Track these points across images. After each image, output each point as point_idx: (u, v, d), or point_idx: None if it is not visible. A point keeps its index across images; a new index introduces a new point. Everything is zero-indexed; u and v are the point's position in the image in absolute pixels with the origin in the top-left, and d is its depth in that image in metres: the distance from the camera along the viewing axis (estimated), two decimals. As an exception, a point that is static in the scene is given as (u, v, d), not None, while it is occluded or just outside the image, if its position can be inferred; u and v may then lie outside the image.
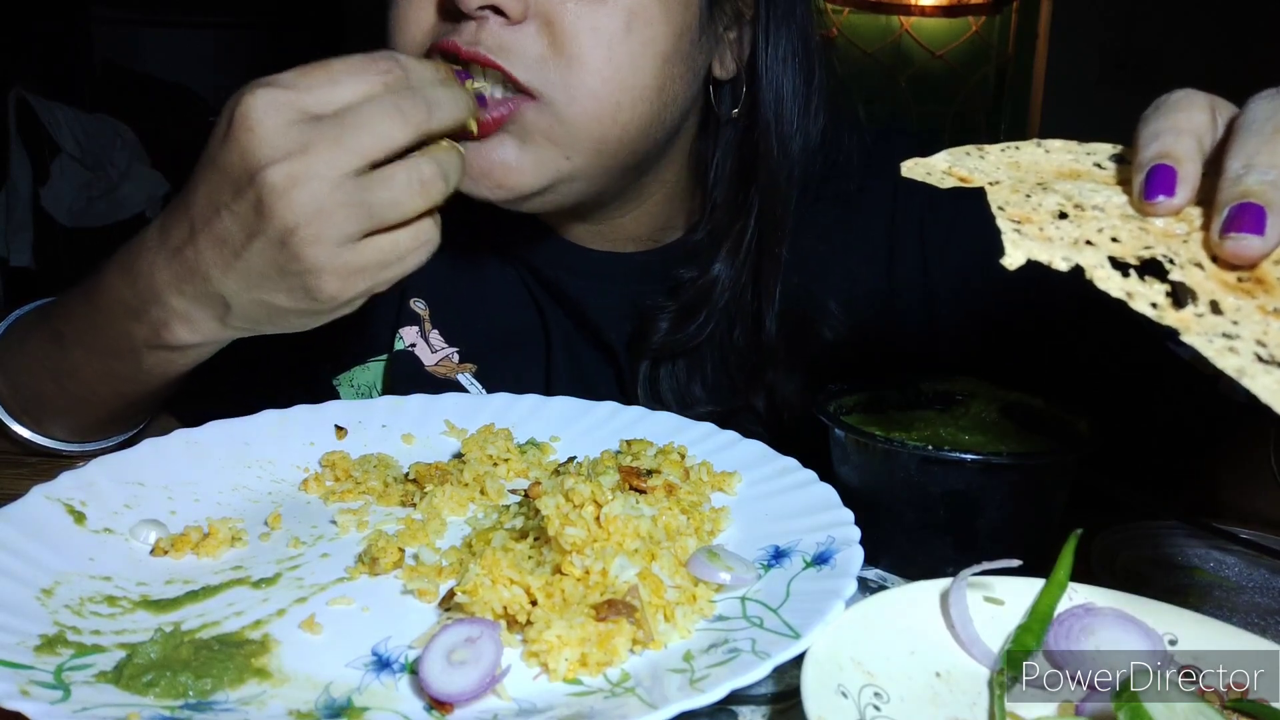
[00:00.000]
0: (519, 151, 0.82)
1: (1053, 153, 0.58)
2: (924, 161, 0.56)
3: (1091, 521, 0.65)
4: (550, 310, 1.01)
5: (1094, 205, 0.53)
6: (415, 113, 0.68)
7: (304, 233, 0.66)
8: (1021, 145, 0.58)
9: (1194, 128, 0.53)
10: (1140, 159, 0.53)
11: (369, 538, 0.66)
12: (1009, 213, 0.52)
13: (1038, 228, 0.51)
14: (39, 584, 0.59)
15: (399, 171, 0.68)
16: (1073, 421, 0.74)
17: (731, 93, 0.94)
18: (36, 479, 0.68)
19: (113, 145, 3.74)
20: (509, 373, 1.00)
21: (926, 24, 3.94)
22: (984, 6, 3.94)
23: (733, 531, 0.70)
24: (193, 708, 0.49)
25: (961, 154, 0.57)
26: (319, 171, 0.65)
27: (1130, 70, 3.75)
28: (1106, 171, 0.56)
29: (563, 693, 0.52)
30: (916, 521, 0.70)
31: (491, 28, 0.79)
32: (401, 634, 0.57)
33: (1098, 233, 0.51)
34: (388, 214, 0.68)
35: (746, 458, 0.78)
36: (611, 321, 1.00)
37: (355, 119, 0.66)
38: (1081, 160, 0.57)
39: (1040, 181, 0.55)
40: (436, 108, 0.69)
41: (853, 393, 0.80)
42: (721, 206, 0.97)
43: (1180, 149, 0.52)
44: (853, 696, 0.50)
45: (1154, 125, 0.53)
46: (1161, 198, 0.51)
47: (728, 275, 0.96)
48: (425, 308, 1.01)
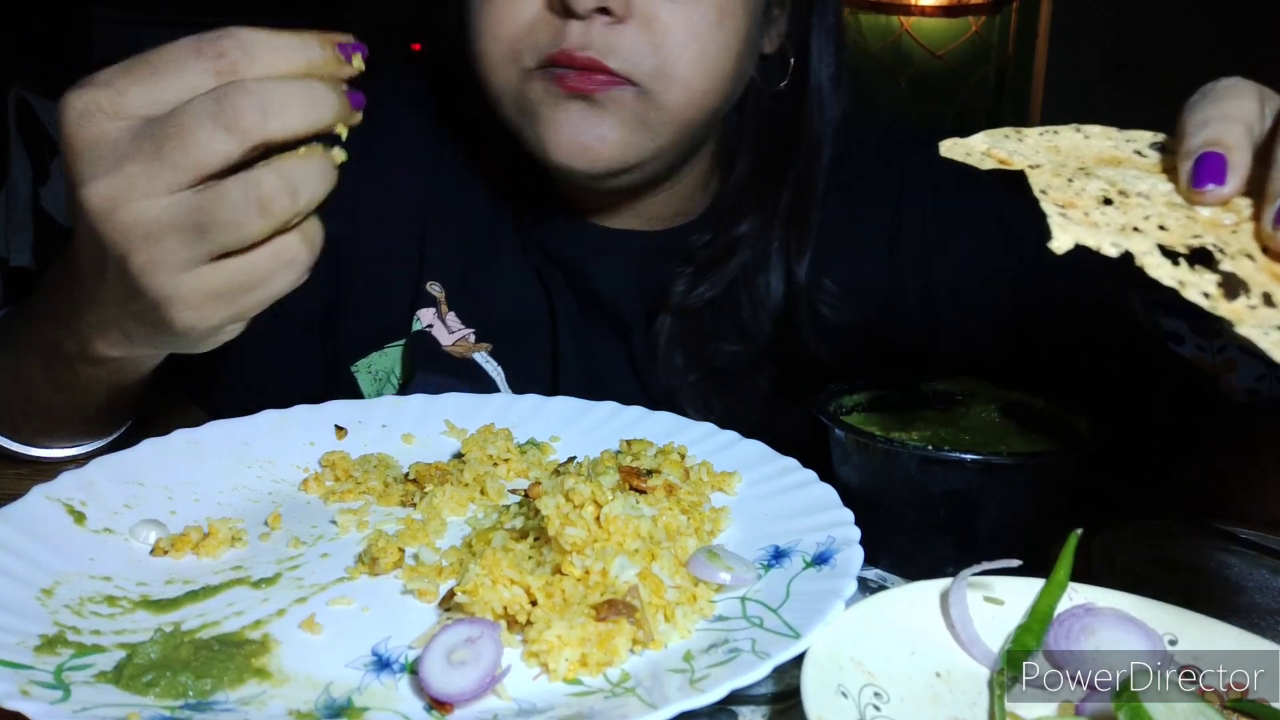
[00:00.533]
0: (614, 129, 0.86)
1: (1092, 138, 0.57)
2: (962, 142, 0.55)
3: (1091, 521, 0.65)
4: (558, 292, 1.02)
5: (1139, 192, 0.51)
6: (243, 117, 0.55)
7: (136, 260, 0.57)
8: (1060, 129, 0.57)
9: (1244, 116, 0.51)
10: (1188, 146, 0.51)
11: (369, 538, 0.66)
12: (1052, 196, 0.50)
13: (1083, 213, 0.50)
14: (39, 584, 0.59)
15: (233, 188, 0.56)
16: (1073, 421, 0.74)
17: (776, 68, 0.98)
18: (36, 479, 0.68)
19: (113, 145, 3.74)
20: (521, 353, 1.02)
21: (926, 24, 3.94)
22: (984, 6, 3.94)
23: (733, 531, 0.70)
24: (193, 708, 0.49)
25: (1000, 136, 0.56)
26: (140, 189, 0.56)
27: (1130, 70, 3.75)
28: (1148, 160, 0.55)
29: (563, 693, 0.52)
30: (916, 521, 0.70)
31: (597, 28, 0.82)
32: (401, 634, 0.57)
33: (1144, 219, 0.49)
34: (227, 236, 0.57)
35: (746, 458, 0.78)
36: (627, 299, 1.02)
37: (177, 124, 0.55)
38: (1122, 147, 0.56)
39: (1082, 166, 0.54)
40: (276, 111, 0.56)
41: (853, 393, 0.80)
42: (749, 176, 1.00)
43: (1230, 137, 0.50)
44: (853, 696, 0.50)
45: (1202, 112, 0.52)
46: (1211, 186, 0.50)
47: (751, 235, 0.99)
48: (442, 290, 1.02)
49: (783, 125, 0.98)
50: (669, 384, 0.99)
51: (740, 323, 1.00)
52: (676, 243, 1.02)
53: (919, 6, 3.91)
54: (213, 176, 0.56)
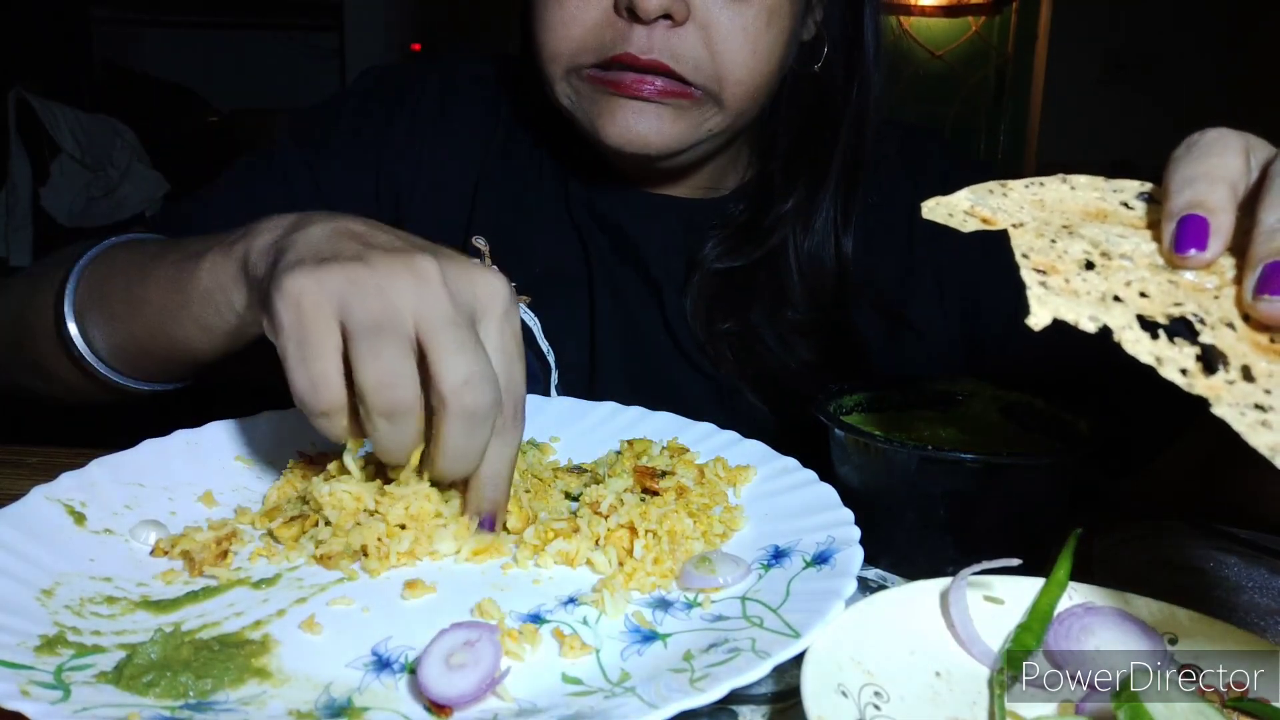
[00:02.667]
0: (670, 123, 0.90)
1: (1079, 189, 0.56)
2: (945, 201, 0.55)
3: (1091, 521, 0.65)
4: (596, 250, 1.05)
5: (1121, 254, 0.51)
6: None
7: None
8: (1046, 181, 0.56)
9: (1227, 174, 0.50)
10: (1171, 207, 0.51)
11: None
12: (1033, 261, 0.50)
13: (1064, 279, 0.49)
14: (39, 584, 0.59)
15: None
16: (1073, 421, 0.75)
17: (810, 52, 1.02)
18: (36, 479, 0.68)
19: (113, 145, 3.75)
20: (560, 307, 1.05)
21: (926, 24, 3.95)
22: (984, 6, 3.94)
23: (733, 531, 0.70)
24: (193, 708, 0.49)
25: (984, 192, 0.56)
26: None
27: (1130, 70, 3.75)
28: (1134, 212, 0.54)
29: (562, 693, 0.52)
30: (916, 521, 0.70)
31: (659, 32, 0.86)
32: (401, 634, 0.57)
33: (1125, 286, 0.49)
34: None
35: (746, 458, 0.78)
36: (664, 257, 1.05)
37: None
38: (1109, 198, 0.56)
39: (1066, 224, 0.53)
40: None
41: (853, 393, 0.80)
42: (792, 153, 1.03)
43: (1213, 199, 0.50)
44: (853, 696, 0.50)
45: (1185, 170, 0.51)
46: (1193, 251, 0.49)
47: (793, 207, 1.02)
48: (486, 245, 1.05)
49: (829, 103, 1.02)
50: (702, 336, 1.02)
51: (781, 288, 1.03)
52: (718, 210, 1.06)
53: (919, 6, 3.91)
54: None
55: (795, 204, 1.02)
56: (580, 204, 1.06)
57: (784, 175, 1.03)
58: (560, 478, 0.76)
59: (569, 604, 0.61)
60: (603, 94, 0.90)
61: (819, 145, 1.02)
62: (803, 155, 1.03)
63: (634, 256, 1.05)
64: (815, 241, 1.02)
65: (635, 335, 1.04)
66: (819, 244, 1.02)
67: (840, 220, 1.02)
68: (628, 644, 0.57)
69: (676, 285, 1.04)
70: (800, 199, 1.02)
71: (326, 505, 0.66)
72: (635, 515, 0.66)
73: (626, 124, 0.90)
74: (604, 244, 1.06)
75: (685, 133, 0.92)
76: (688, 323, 1.03)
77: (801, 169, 1.02)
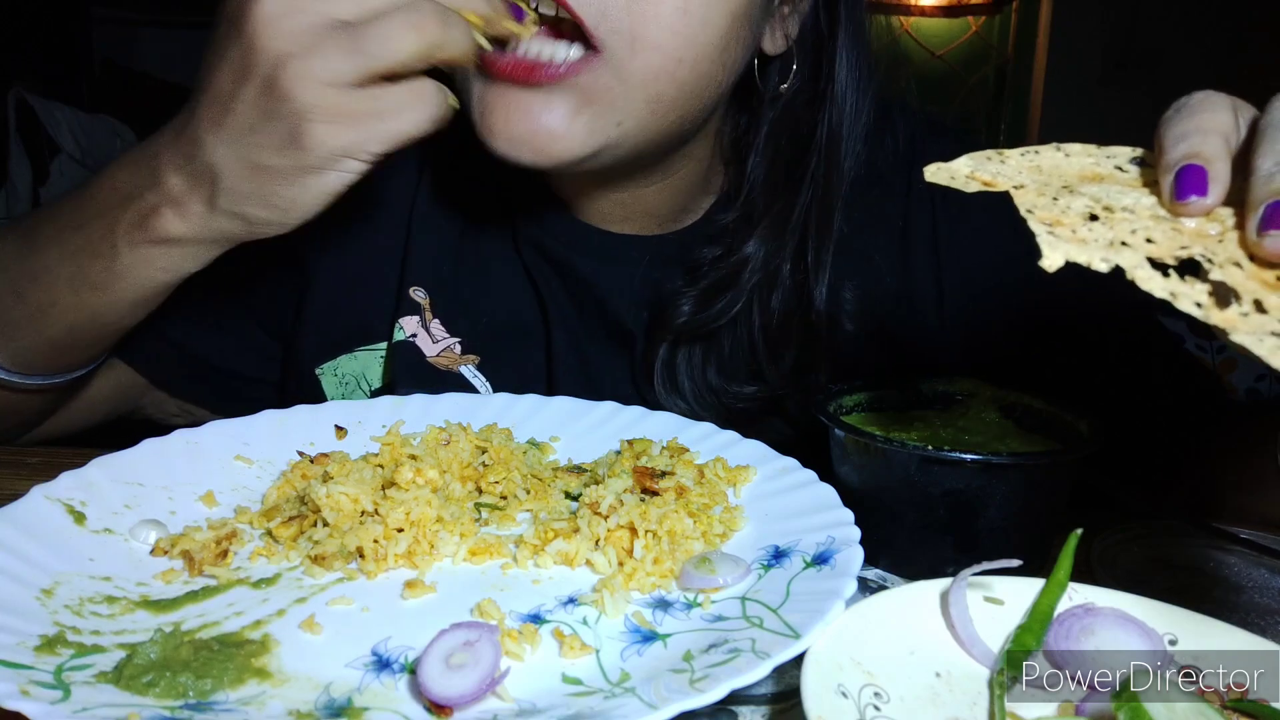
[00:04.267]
0: (569, 118, 0.78)
1: (1072, 156, 0.58)
2: (946, 166, 0.56)
3: (1091, 521, 0.65)
4: (552, 299, 0.98)
5: (1123, 206, 0.52)
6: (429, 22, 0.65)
7: (291, 68, 0.64)
8: (1041, 149, 0.58)
9: (1219, 127, 0.52)
10: (1168, 159, 0.52)
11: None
12: (1039, 215, 0.51)
13: (1070, 230, 0.50)
14: (39, 584, 0.59)
15: (393, 8, 0.65)
16: (1073, 422, 0.74)
17: (779, 70, 0.93)
18: (36, 479, 0.68)
19: (113, 145, 3.74)
20: (512, 364, 0.98)
21: (926, 24, 3.95)
22: (984, 6, 3.94)
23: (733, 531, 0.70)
24: (193, 708, 0.49)
25: (983, 159, 0.57)
26: (312, 7, 0.64)
27: (1130, 70, 3.75)
28: (1129, 175, 0.56)
29: (563, 693, 0.52)
30: (916, 521, 0.70)
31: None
32: (401, 634, 0.57)
33: (1131, 234, 0.50)
34: (381, 50, 0.64)
35: (746, 458, 0.78)
36: (628, 307, 0.97)
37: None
38: (1102, 164, 0.57)
39: (1065, 184, 0.54)
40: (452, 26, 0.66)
41: (853, 393, 0.80)
42: (760, 185, 0.94)
43: (1209, 148, 0.51)
44: (853, 696, 0.50)
45: (1178, 127, 0.53)
46: (1194, 198, 0.50)
47: (762, 254, 0.93)
48: (425, 297, 0.98)
49: (799, 130, 0.94)
50: (673, 409, 0.92)
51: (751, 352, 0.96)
52: (681, 248, 0.97)
53: (919, 6, 3.91)
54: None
55: (755, 251, 0.93)
56: (530, 244, 0.97)
57: (747, 207, 0.94)
58: (560, 478, 0.76)
59: (569, 604, 0.61)
60: (481, 81, 0.79)
61: (787, 177, 0.94)
62: (770, 187, 0.94)
63: (595, 305, 0.97)
64: (781, 296, 0.94)
65: (599, 386, 0.96)
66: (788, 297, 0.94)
67: (812, 268, 0.93)
68: (628, 644, 0.57)
69: (643, 335, 0.97)
70: (763, 244, 0.93)
71: (324, 506, 0.66)
72: (635, 515, 0.66)
73: (516, 123, 0.77)
74: (559, 289, 0.97)
75: (594, 127, 0.79)
76: (656, 375, 0.95)
77: (766, 202, 0.94)
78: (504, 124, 0.78)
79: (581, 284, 0.97)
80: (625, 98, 0.78)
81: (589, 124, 0.79)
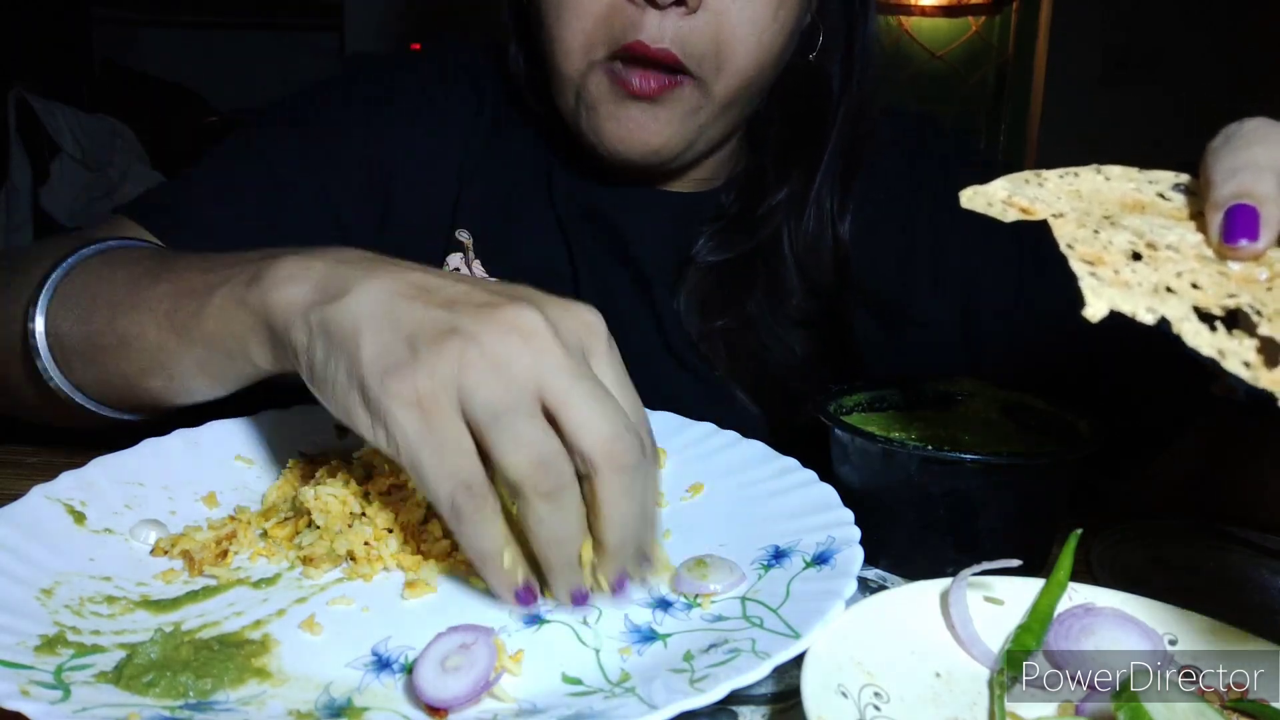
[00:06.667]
0: (669, 124, 0.90)
1: (1113, 180, 0.55)
2: (983, 190, 0.53)
3: (1091, 521, 0.65)
4: (581, 245, 1.03)
5: (1167, 244, 0.49)
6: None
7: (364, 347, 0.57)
8: (1080, 171, 0.56)
9: (1273, 164, 0.49)
10: (1216, 196, 0.49)
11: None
12: (1079, 251, 0.49)
13: (1112, 270, 0.48)
14: (39, 584, 0.59)
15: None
16: (1073, 422, 0.75)
17: (807, 40, 1.01)
18: (36, 479, 0.68)
19: (113, 145, 3.74)
20: None
21: (926, 24, 3.94)
22: (984, 6, 3.94)
23: (733, 532, 0.70)
24: (193, 708, 0.49)
25: (1020, 181, 0.54)
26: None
27: (1131, 70, 3.75)
28: (1173, 204, 0.53)
29: (563, 693, 0.52)
30: (916, 521, 0.70)
31: (672, 19, 0.85)
32: (401, 634, 0.57)
33: (1176, 277, 0.47)
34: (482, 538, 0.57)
35: (746, 458, 0.78)
36: (654, 251, 1.03)
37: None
38: (1144, 189, 0.55)
39: (1107, 214, 0.52)
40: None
41: (853, 393, 0.80)
42: (786, 140, 1.03)
43: (1261, 188, 0.48)
44: (853, 696, 0.50)
45: (1229, 160, 0.50)
46: (1244, 241, 0.48)
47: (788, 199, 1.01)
48: (469, 238, 1.03)
49: (820, 91, 1.01)
50: (696, 334, 1.01)
51: (777, 279, 1.02)
52: (709, 203, 1.05)
53: (919, 6, 3.91)
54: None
55: (789, 193, 1.01)
56: (564, 197, 1.04)
57: (777, 165, 1.02)
58: None
59: (569, 604, 0.61)
60: (607, 98, 0.89)
61: (814, 134, 1.01)
62: (797, 145, 1.02)
63: (622, 252, 1.03)
64: (811, 229, 1.01)
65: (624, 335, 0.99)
66: (815, 232, 1.01)
67: (836, 207, 1.01)
68: (628, 644, 0.57)
69: (668, 282, 1.03)
70: (795, 188, 1.01)
71: (313, 509, 0.66)
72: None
73: (630, 131, 0.89)
74: (590, 239, 1.03)
75: (684, 133, 0.91)
76: (679, 322, 1.02)
77: (796, 158, 1.01)
78: (625, 132, 0.90)
79: (612, 232, 1.03)
80: (710, 111, 0.91)
81: (679, 131, 0.91)
